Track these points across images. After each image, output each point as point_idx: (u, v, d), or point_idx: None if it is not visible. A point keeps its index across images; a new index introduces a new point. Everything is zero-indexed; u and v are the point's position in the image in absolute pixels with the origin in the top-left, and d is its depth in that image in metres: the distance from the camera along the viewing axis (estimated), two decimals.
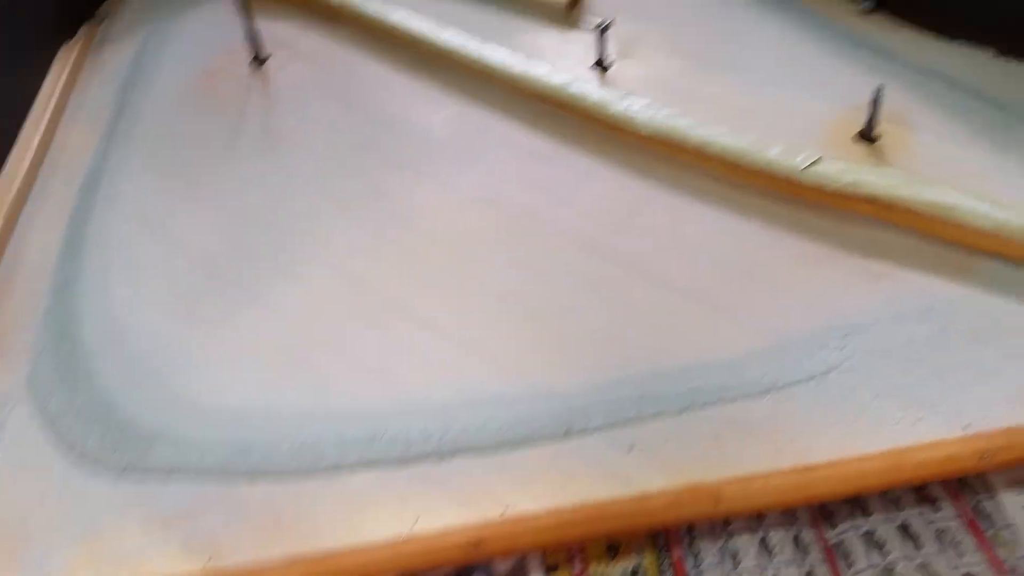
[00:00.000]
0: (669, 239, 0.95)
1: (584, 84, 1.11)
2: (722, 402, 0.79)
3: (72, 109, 1.29)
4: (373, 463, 0.80)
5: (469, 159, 1.10)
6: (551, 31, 1.29)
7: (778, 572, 0.73)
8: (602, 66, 1.20)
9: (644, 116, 1.04)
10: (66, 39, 1.40)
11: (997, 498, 0.76)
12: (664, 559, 0.75)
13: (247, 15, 1.29)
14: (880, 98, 0.98)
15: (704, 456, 0.76)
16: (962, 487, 0.77)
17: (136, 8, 1.52)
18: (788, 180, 0.94)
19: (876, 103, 0.98)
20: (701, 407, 0.79)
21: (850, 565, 0.73)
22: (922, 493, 0.76)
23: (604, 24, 1.16)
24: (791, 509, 0.76)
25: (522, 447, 0.79)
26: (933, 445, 0.73)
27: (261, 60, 1.33)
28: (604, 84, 1.17)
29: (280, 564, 0.75)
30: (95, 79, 1.35)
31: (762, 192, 0.98)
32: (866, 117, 1.00)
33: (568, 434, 0.79)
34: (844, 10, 1.24)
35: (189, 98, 1.28)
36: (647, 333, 0.86)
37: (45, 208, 1.12)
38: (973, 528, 0.73)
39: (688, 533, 0.76)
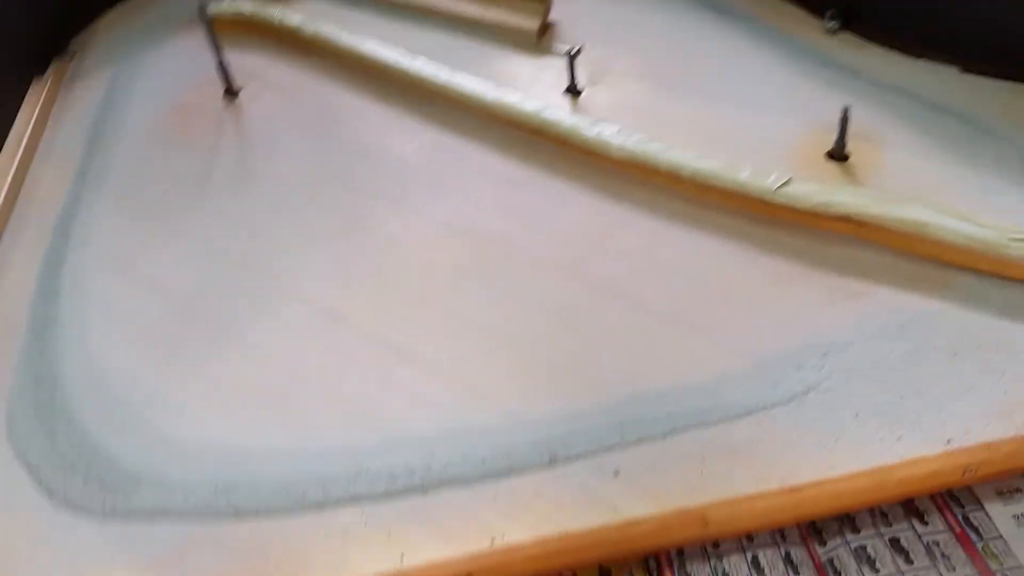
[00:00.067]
0: (644, 262, 0.96)
1: (556, 110, 1.12)
2: (704, 425, 0.79)
3: (44, 148, 1.28)
4: (358, 498, 0.79)
5: (444, 187, 1.10)
6: (522, 58, 1.30)
7: None
8: (574, 92, 1.21)
9: (617, 141, 1.04)
10: (36, 77, 1.40)
11: (985, 510, 0.76)
12: None
13: (217, 48, 1.28)
14: (848, 117, 0.99)
15: (689, 480, 0.76)
16: (950, 499, 0.77)
17: (106, 43, 1.51)
18: (761, 201, 0.95)
19: (844, 122, 0.99)
20: (683, 431, 0.79)
21: None
22: (911, 507, 0.76)
23: (574, 50, 1.17)
24: (780, 528, 0.77)
25: (507, 477, 0.79)
26: (916, 462, 0.73)
27: (233, 93, 1.33)
28: (576, 110, 1.18)
29: None
30: (66, 117, 1.34)
31: (735, 213, 0.98)
32: (835, 136, 1.02)
33: (552, 462, 0.79)
34: (811, 30, 1.25)
35: (161, 134, 1.27)
36: (626, 358, 0.87)
37: (18, 250, 1.11)
38: (963, 540, 0.74)
39: (679, 555, 0.76)
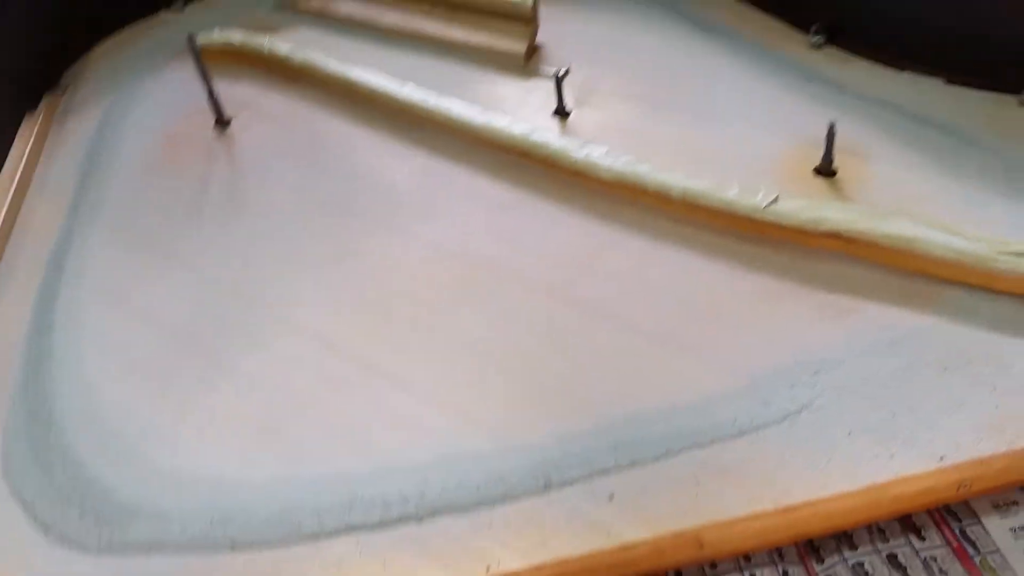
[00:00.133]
0: (634, 283, 0.96)
1: (545, 133, 1.12)
2: (697, 446, 0.79)
3: (37, 183, 1.28)
4: (353, 528, 0.79)
5: (434, 212, 1.10)
6: (509, 81, 1.31)
7: None
8: (561, 114, 1.21)
9: (605, 162, 1.05)
10: (28, 111, 1.40)
11: (982, 523, 0.75)
12: None
13: (207, 78, 1.29)
14: (834, 133, 0.99)
15: (683, 502, 0.75)
16: (947, 514, 0.76)
17: (97, 76, 1.52)
18: (749, 219, 0.95)
19: (830, 138, 1.00)
20: (677, 453, 0.79)
21: None
22: (907, 522, 0.76)
23: (561, 72, 1.18)
24: (776, 547, 0.76)
25: (501, 503, 0.78)
26: (910, 479, 0.73)
27: (224, 122, 1.34)
28: (564, 132, 1.18)
29: None
30: (59, 151, 1.34)
31: (724, 232, 0.98)
32: (822, 152, 1.02)
33: (547, 487, 0.79)
34: (796, 45, 1.26)
35: (153, 165, 1.28)
36: (618, 379, 0.86)
37: (13, 284, 1.11)
38: (960, 555, 0.73)
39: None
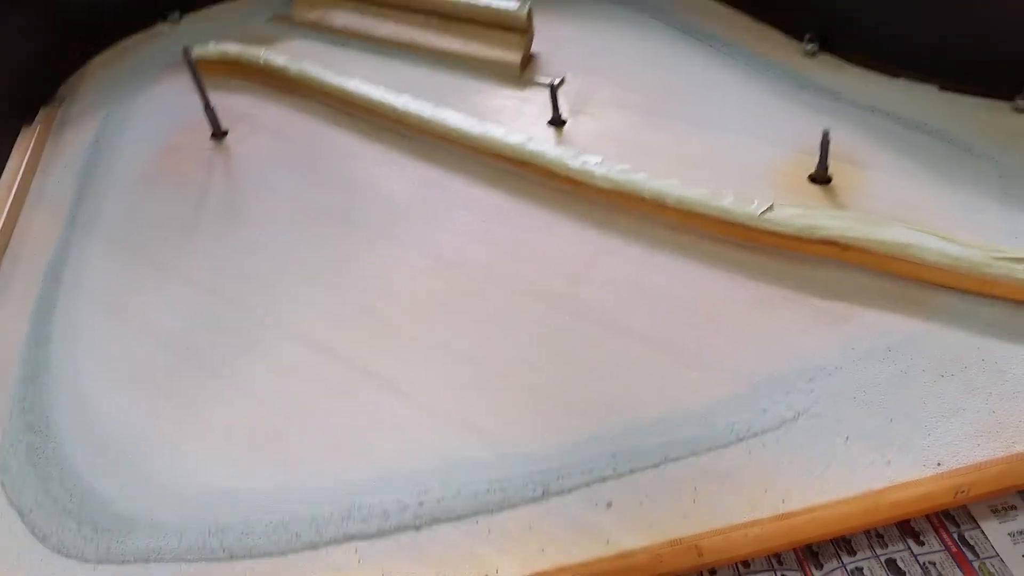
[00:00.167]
0: (631, 290, 0.96)
1: (541, 142, 1.13)
2: (695, 454, 0.79)
3: (34, 195, 1.28)
4: (351, 537, 0.79)
5: (431, 221, 1.11)
6: (505, 91, 1.32)
7: None
8: (557, 123, 1.22)
9: (601, 171, 1.05)
10: (24, 124, 1.41)
11: (981, 528, 0.76)
12: None
13: (203, 90, 1.30)
14: (828, 140, 1.00)
15: (682, 509, 0.75)
16: (945, 519, 0.77)
17: (94, 89, 1.52)
18: (744, 226, 0.96)
19: (825, 146, 1.00)
20: (675, 460, 0.79)
21: None
22: (906, 527, 0.76)
23: (556, 82, 1.18)
24: (775, 553, 0.77)
25: (500, 511, 0.78)
26: (908, 485, 0.73)
27: (221, 134, 1.34)
28: (560, 141, 1.19)
29: None
30: (56, 162, 1.35)
31: (720, 239, 0.99)
32: (816, 159, 1.02)
33: (545, 495, 0.79)
34: (789, 53, 1.27)
35: (150, 177, 1.28)
36: (615, 387, 0.87)
37: (10, 298, 1.11)
38: (959, 560, 0.74)
39: None
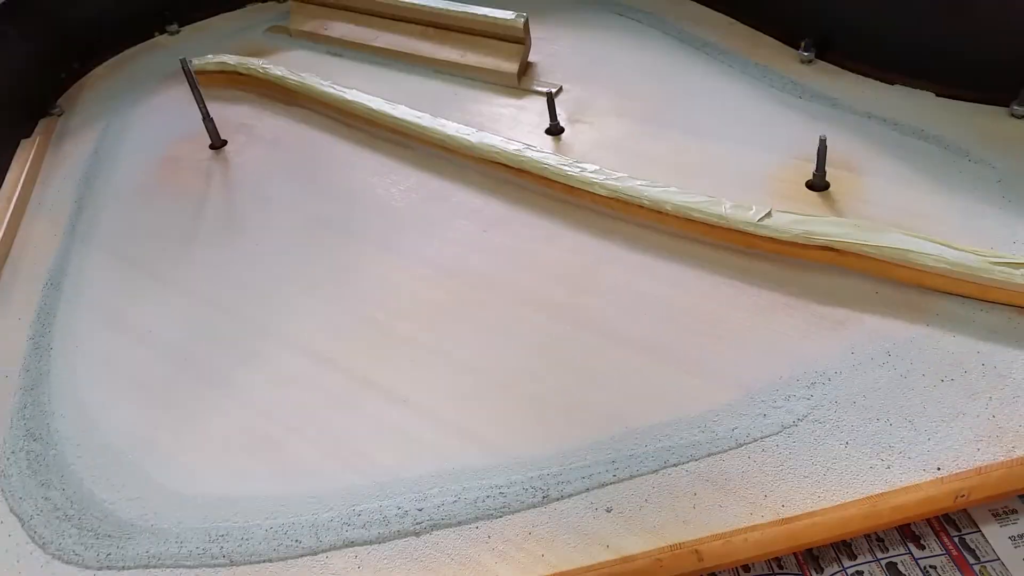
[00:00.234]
0: (630, 297, 0.96)
1: (539, 150, 1.13)
2: (695, 459, 0.79)
3: (33, 205, 1.29)
4: (351, 543, 0.79)
5: (430, 229, 1.11)
6: (503, 99, 1.32)
7: None
8: (555, 131, 1.22)
9: (599, 178, 1.05)
10: (24, 135, 1.41)
11: (981, 532, 0.76)
12: None
13: (201, 101, 1.30)
14: (825, 147, 1.00)
15: (682, 514, 0.75)
16: (946, 522, 0.77)
17: (94, 100, 1.53)
18: (743, 233, 0.96)
19: (822, 152, 1.00)
20: (675, 466, 0.79)
21: None
22: (907, 531, 0.76)
23: (554, 91, 1.19)
24: (776, 558, 0.77)
25: (500, 517, 0.78)
26: (908, 489, 0.73)
27: (219, 145, 1.34)
28: (558, 149, 1.19)
29: None
30: (55, 173, 1.35)
31: (718, 246, 0.99)
32: (814, 166, 1.03)
33: (546, 500, 0.79)
34: (786, 60, 1.27)
35: (149, 187, 1.28)
36: (616, 393, 0.87)
37: (10, 307, 1.11)
38: (960, 564, 0.73)
39: None
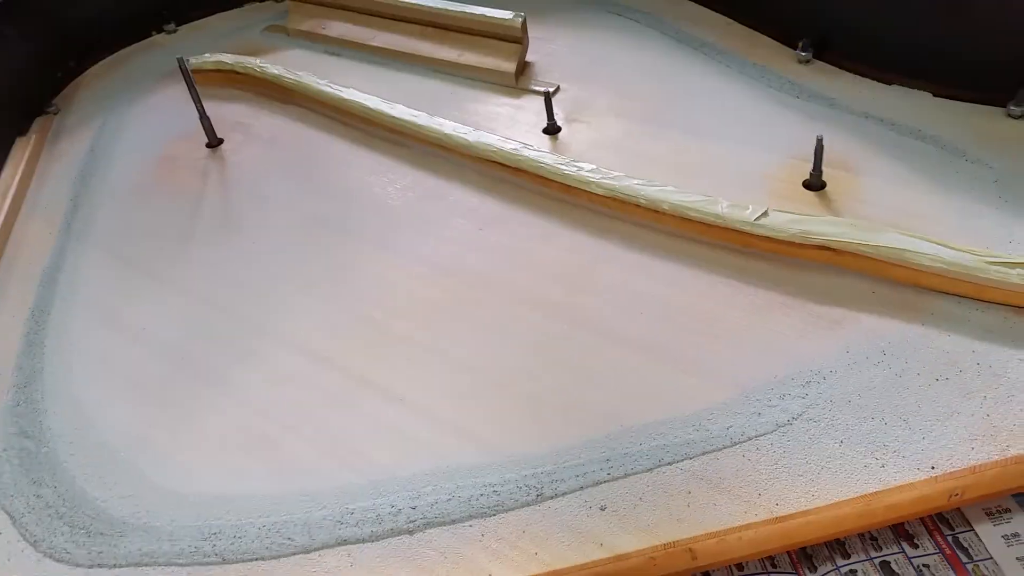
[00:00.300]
0: (627, 296, 0.96)
1: (536, 149, 1.13)
2: (689, 457, 0.79)
3: (29, 203, 1.29)
4: (344, 541, 0.79)
5: (427, 228, 1.11)
6: (501, 99, 1.32)
7: None
8: (553, 131, 1.22)
9: (596, 177, 1.05)
10: (20, 133, 1.41)
11: (975, 531, 0.76)
12: None
13: (198, 99, 1.30)
14: (822, 147, 1.00)
15: (677, 513, 0.75)
16: (940, 521, 0.77)
17: (90, 98, 1.53)
18: (740, 232, 0.96)
19: (819, 152, 1.00)
20: (670, 464, 0.79)
21: None
22: (900, 530, 0.76)
23: (552, 90, 1.19)
24: (769, 556, 0.76)
25: (493, 515, 0.78)
26: (902, 488, 0.73)
27: (216, 143, 1.34)
28: (555, 148, 1.19)
29: None
30: (51, 171, 1.35)
31: (715, 245, 0.99)
32: (811, 166, 1.02)
33: (540, 499, 0.79)
34: (784, 60, 1.27)
35: (146, 186, 1.28)
36: (611, 392, 0.86)
37: (5, 305, 1.11)
38: (953, 562, 0.73)
39: None
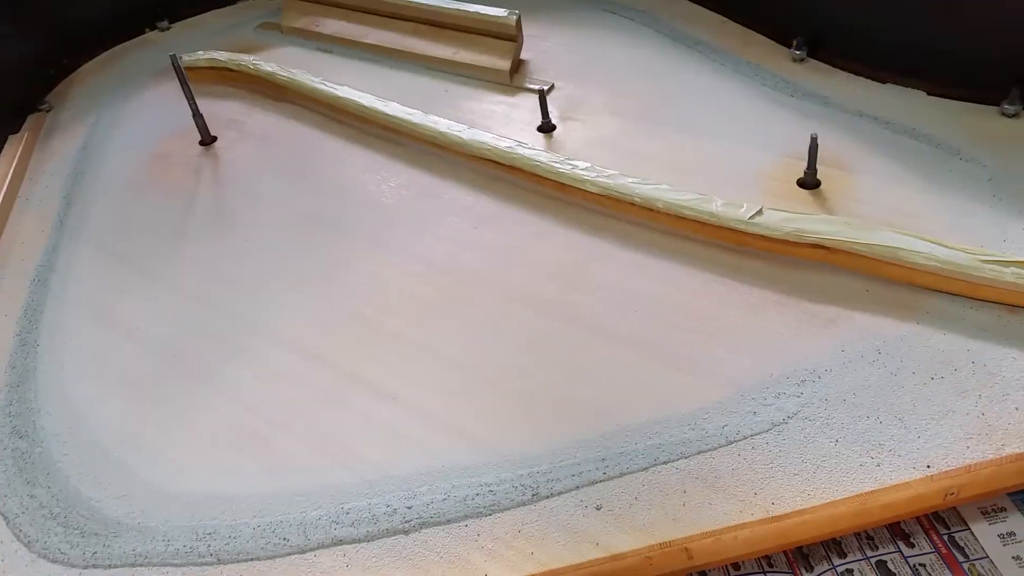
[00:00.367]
0: (621, 295, 0.96)
1: (530, 147, 1.13)
2: (686, 457, 0.79)
3: (22, 200, 1.28)
4: (339, 541, 0.78)
5: (420, 226, 1.11)
6: (495, 96, 1.32)
7: None
8: (547, 128, 1.22)
9: (591, 175, 1.05)
10: (12, 130, 1.41)
11: (971, 529, 0.76)
12: None
13: (191, 97, 1.30)
14: (816, 145, 1.00)
15: (672, 512, 0.75)
16: (935, 520, 0.77)
17: (83, 95, 1.52)
18: (734, 230, 0.96)
19: (812, 151, 1.01)
20: (665, 463, 0.79)
21: None
22: (896, 529, 0.76)
23: (546, 88, 1.19)
24: (765, 556, 0.76)
25: (489, 515, 0.78)
26: (897, 487, 0.73)
27: (209, 141, 1.34)
28: (550, 146, 1.19)
29: None
30: (44, 169, 1.35)
31: (709, 243, 0.99)
32: (805, 164, 1.02)
33: (535, 498, 0.79)
34: (778, 58, 1.27)
35: (139, 183, 1.28)
36: (606, 391, 0.86)
37: None
38: (949, 561, 0.74)
39: None
